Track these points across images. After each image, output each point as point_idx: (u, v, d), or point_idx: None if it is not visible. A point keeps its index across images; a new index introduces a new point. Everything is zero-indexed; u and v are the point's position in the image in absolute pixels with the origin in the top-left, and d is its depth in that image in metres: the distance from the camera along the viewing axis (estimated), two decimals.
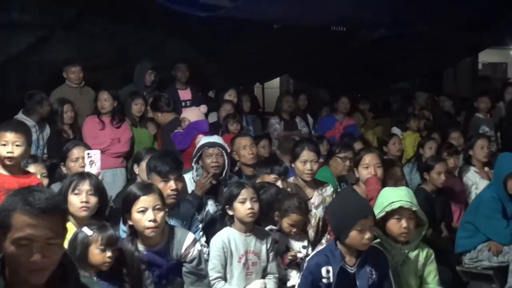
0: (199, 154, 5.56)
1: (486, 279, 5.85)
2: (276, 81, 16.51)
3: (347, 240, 3.69)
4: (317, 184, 5.48)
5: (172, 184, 4.52)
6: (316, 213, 5.27)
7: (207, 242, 4.61)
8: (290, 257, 4.60)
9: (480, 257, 5.78)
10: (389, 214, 3.94)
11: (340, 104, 9.38)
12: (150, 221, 3.81)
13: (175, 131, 7.08)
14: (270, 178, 5.05)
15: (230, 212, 4.36)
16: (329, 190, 5.43)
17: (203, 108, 7.54)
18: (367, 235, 3.65)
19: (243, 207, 4.30)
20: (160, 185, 4.44)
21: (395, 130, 9.67)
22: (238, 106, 8.74)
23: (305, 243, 4.75)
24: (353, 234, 3.65)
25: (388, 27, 9.47)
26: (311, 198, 5.37)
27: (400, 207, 3.90)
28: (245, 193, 4.32)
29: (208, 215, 5.18)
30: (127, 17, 8.33)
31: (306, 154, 5.33)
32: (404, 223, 3.92)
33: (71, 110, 7.40)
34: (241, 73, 9.91)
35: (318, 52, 10.33)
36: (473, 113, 9.34)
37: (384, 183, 5.14)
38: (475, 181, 6.93)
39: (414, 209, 3.93)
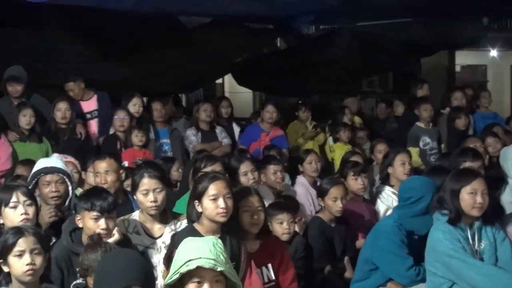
0: (34, 182, 4.75)
1: None
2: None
3: None
4: (168, 217, 4.54)
5: None
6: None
7: None
8: None
9: None
10: (187, 276, 2.92)
11: (265, 113, 8.32)
12: None
13: None
14: (91, 215, 4.04)
15: (5, 269, 3.38)
16: (184, 223, 4.45)
17: None
18: None
19: (20, 262, 3.32)
20: None
21: (330, 141, 8.76)
22: (144, 116, 7.82)
23: None
24: None
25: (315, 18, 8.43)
26: (161, 235, 4.44)
27: (199, 268, 2.89)
28: (23, 244, 3.34)
29: None
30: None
31: (147, 183, 4.39)
32: None
33: None
34: (155, 79, 8.85)
35: (242, 52, 9.33)
36: (412, 123, 8.28)
37: (238, 217, 4.14)
38: (390, 205, 5.85)
39: (219, 269, 2.91)
